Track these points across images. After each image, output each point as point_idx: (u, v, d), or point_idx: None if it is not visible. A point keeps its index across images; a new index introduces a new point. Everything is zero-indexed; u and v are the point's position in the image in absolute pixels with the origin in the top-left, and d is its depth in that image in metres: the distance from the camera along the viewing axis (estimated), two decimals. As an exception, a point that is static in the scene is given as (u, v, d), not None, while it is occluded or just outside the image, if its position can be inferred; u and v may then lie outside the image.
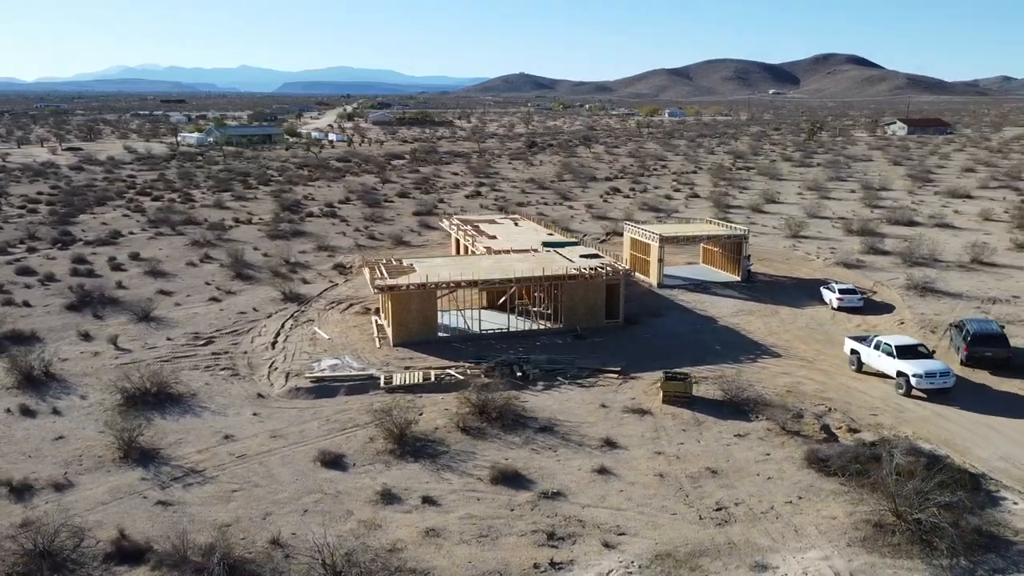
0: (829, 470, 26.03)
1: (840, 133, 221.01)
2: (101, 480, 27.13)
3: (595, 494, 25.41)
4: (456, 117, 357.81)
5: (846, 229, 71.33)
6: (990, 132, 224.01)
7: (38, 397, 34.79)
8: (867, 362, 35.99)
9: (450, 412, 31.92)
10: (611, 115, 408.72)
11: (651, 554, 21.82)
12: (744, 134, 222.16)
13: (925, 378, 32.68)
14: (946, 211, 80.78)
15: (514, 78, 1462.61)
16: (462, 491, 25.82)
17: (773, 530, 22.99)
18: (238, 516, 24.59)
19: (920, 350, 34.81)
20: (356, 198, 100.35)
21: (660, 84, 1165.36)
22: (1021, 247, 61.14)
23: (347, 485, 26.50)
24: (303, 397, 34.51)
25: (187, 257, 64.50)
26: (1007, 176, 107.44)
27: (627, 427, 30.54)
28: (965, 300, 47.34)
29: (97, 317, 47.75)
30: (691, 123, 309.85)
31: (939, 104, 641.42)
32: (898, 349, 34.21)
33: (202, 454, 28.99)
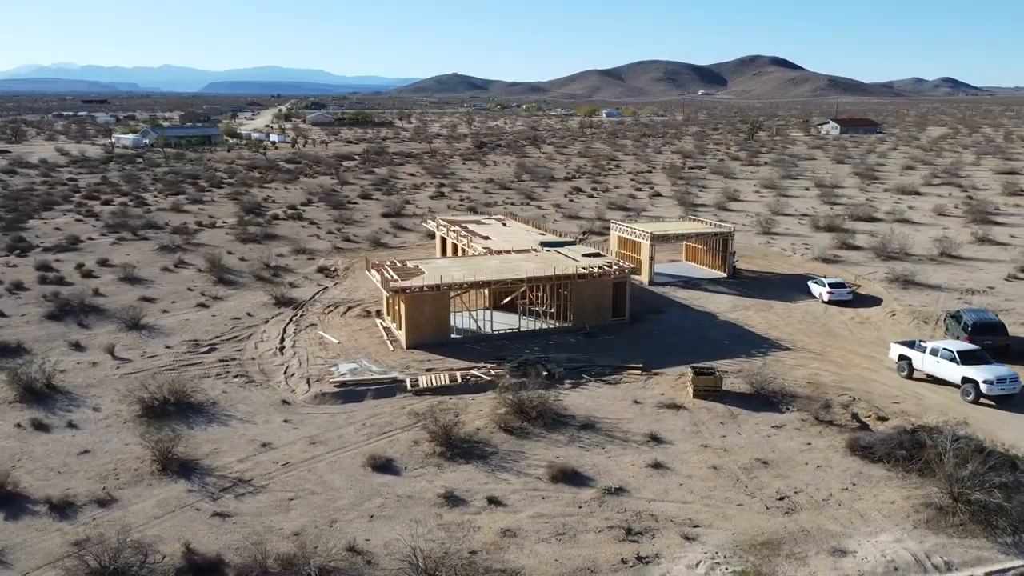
0: (874, 457, 27.04)
1: (777, 133, 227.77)
2: (145, 494, 26.20)
3: (656, 488, 25.81)
4: (397, 118, 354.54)
5: (813, 226, 73.76)
6: (916, 131, 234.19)
7: (46, 411, 33.32)
8: (922, 368, 34.82)
9: (486, 413, 31.88)
10: (549, 115, 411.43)
11: (732, 544, 22.34)
12: (685, 134, 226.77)
13: (996, 384, 31.86)
14: (900, 207, 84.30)
15: (447, 78, 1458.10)
16: (524, 490, 25.88)
17: (839, 516, 23.79)
18: (303, 525, 24.10)
19: (981, 355, 33.72)
20: (318, 200, 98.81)
21: (593, 85, 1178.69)
22: (982, 241, 64.31)
23: (405, 489, 26.24)
24: (330, 402, 33.94)
25: (159, 262, 62.47)
26: (946, 174, 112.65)
27: (666, 422, 31.07)
28: (945, 292, 49.63)
29: (82, 326, 45.93)
30: (630, 123, 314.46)
31: (859, 104, 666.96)
32: (961, 355, 33.31)
33: (244, 463, 28.26)
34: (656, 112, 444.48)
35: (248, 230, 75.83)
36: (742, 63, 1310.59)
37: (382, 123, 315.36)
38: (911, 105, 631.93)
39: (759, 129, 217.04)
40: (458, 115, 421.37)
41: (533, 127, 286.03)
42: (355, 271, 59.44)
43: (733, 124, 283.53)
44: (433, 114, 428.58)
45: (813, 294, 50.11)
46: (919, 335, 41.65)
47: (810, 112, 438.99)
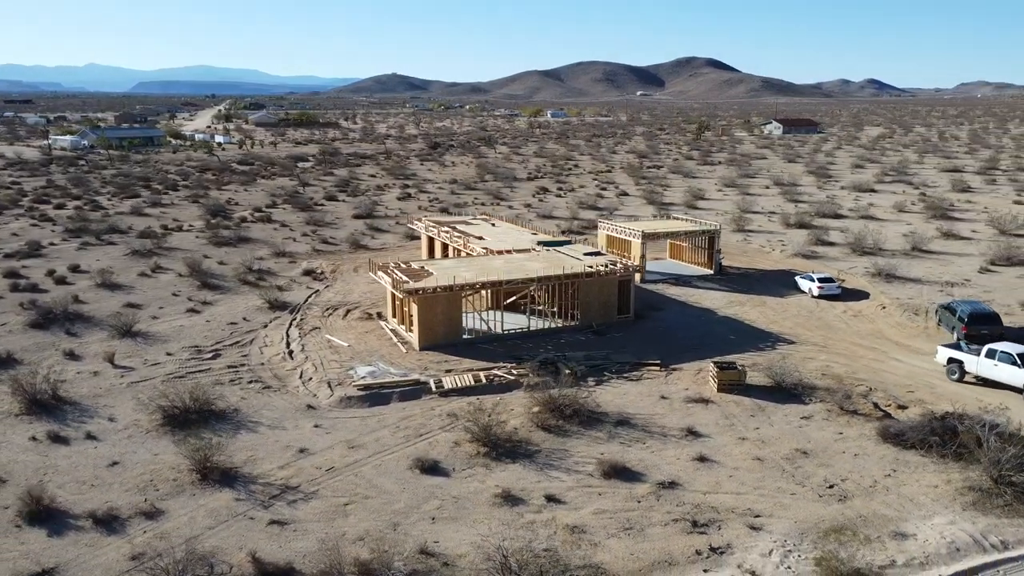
0: (906, 443, 28.09)
1: (723, 132, 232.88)
2: (191, 504, 25.52)
3: (708, 481, 26.33)
4: (342, 118, 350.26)
5: (784, 223, 75.84)
6: (854, 131, 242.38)
7: (59, 422, 32.09)
8: (976, 372, 34.26)
9: (520, 412, 31.97)
10: (494, 116, 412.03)
11: (797, 532, 22.97)
12: (634, 134, 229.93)
13: None
14: (861, 204, 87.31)
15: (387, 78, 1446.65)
16: (579, 488, 26.09)
17: (890, 502, 24.68)
18: (365, 529, 23.83)
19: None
20: (282, 202, 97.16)
21: (533, 85, 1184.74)
22: (946, 235, 67.08)
23: (459, 490, 26.17)
24: (356, 406, 33.55)
25: (134, 268, 60.59)
26: (895, 172, 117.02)
27: (697, 416, 31.67)
28: (926, 284, 51.69)
29: (71, 334, 44.32)
30: (577, 124, 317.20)
31: (792, 105, 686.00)
32: (1021, 357, 32.84)
33: (286, 470, 27.75)
34: (599, 112, 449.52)
35: (219, 233, 74.08)
36: (678, 64, 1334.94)
37: (327, 124, 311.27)
38: (841, 105, 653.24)
39: (706, 129, 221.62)
40: (402, 115, 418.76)
41: (482, 127, 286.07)
42: (343, 273, 58.73)
43: (677, 124, 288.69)
44: (377, 115, 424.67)
45: (802, 289, 51.57)
46: (913, 328, 43.39)
47: (749, 112, 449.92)
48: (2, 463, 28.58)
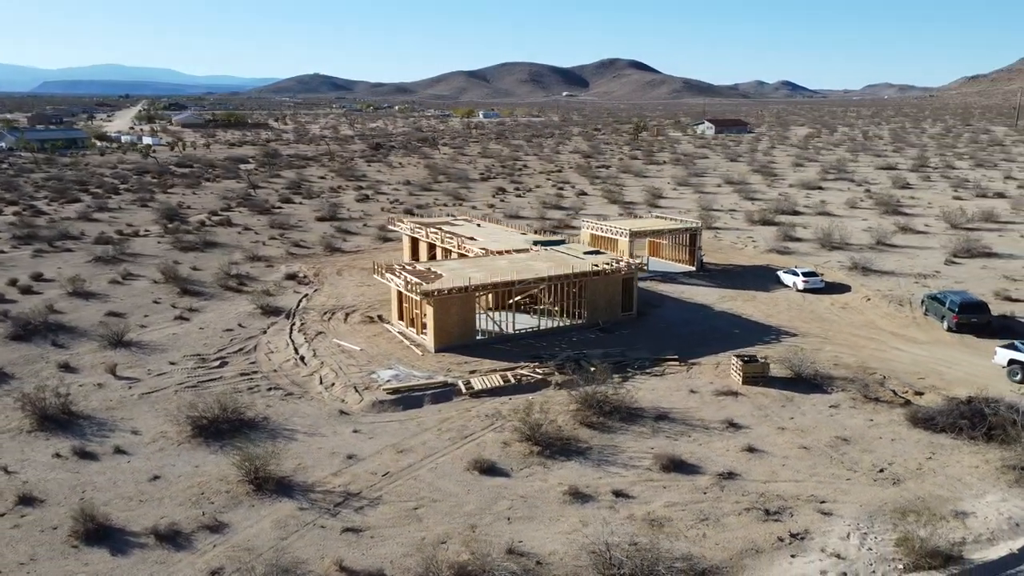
0: (937, 427, 29.55)
1: (659, 133, 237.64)
2: (253, 516, 24.83)
3: (764, 471, 27.12)
4: (273, 119, 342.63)
5: (748, 220, 78.15)
6: (782, 131, 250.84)
7: (78, 438, 30.68)
8: None
9: (558, 410, 32.17)
10: (426, 116, 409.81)
11: (866, 515, 23.93)
12: (571, 134, 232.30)
13: None
14: (813, 201, 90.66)
15: (309, 79, 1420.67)
16: (642, 482, 26.51)
17: (940, 483, 25.96)
18: (445, 532, 23.67)
19: None
20: (236, 205, 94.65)
21: (459, 86, 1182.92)
22: (904, 230, 70.34)
23: (525, 489, 26.24)
24: (390, 410, 33.16)
25: (103, 275, 58.08)
26: (835, 170, 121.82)
27: (731, 408, 32.52)
28: (901, 277, 54.21)
29: (58, 346, 42.34)
30: (511, 124, 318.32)
31: (714, 105, 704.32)
32: None
33: (340, 477, 27.27)
34: (530, 113, 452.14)
35: (182, 238, 71.70)
36: (602, 65, 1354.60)
37: (257, 125, 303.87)
38: (759, 106, 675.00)
39: (643, 130, 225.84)
40: (332, 116, 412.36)
41: (418, 128, 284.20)
42: (327, 277, 57.70)
43: (610, 125, 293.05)
44: (306, 115, 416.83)
45: (785, 283, 53.34)
46: (902, 318, 45.46)
47: (676, 113, 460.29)
48: (33, 482, 27.18)
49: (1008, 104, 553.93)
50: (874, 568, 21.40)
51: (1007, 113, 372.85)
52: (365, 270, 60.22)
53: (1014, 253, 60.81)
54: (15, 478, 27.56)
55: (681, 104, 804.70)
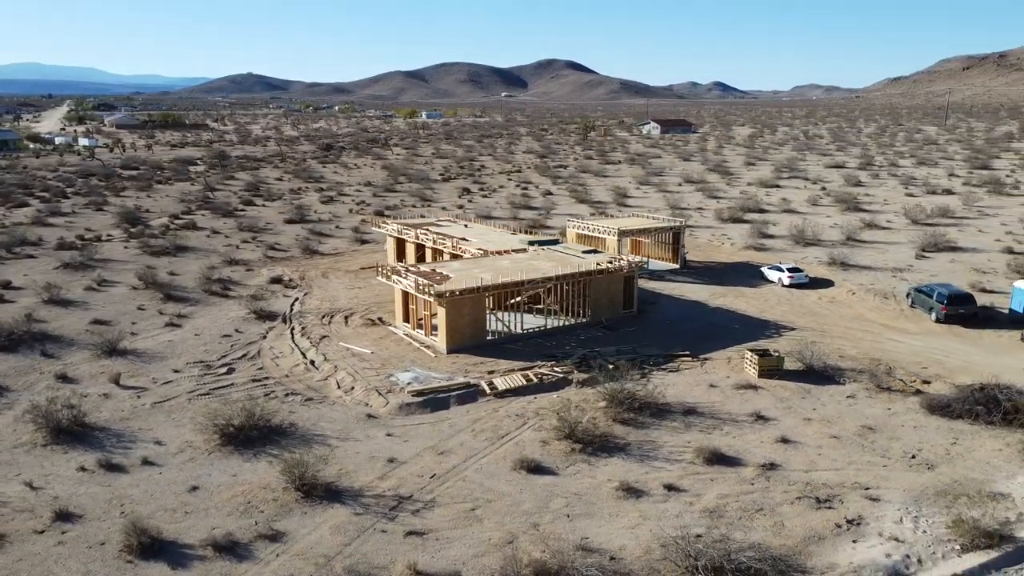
0: (953, 414, 30.87)
1: (606, 133, 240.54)
2: (309, 523, 24.43)
3: (803, 460, 27.91)
4: (213, 120, 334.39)
5: (718, 217, 79.88)
6: (724, 131, 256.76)
7: (99, 450, 29.64)
8: None
9: (587, 408, 32.44)
10: (369, 117, 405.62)
11: (912, 500, 24.89)
12: (520, 134, 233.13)
13: None
14: (775, 199, 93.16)
15: (242, 78, 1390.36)
16: (689, 475, 26.99)
17: (971, 466, 27.16)
18: (509, 531, 23.69)
19: None
20: (197, 208, 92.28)
21: (398, 86, 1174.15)
22: (869, 226, 72.92)
23: (576, 486, 26.44)
24: (417, 412, 32.95)
25: (76, 281, 56.01)
26: (787, 168, 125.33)
27: (755, 401, 33.33)
28: (878, 271, 56.24)
29: (48, 356, 40.76)
30: (456, 124, 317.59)
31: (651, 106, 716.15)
32: None
33: (387, 480, 27.01)
34: (473, 113, 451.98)
35: (150, 243, 69.64)
36: (540, 66, 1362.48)
37: (196, 126, 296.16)
38: (696, 106, 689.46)
39: (592, 129, 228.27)
40: (272, 116, 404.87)
41: (363, 129, 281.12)
42: (313, 280, 56.80)
43: (556, 125, 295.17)
44: (243, 116, 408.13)
45: (770, 279, 54.77)
46: (890, 310, 47.19)
47: (617, 113, 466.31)
48: (64, 497, 26.16)
49: (930, 104, 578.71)
50: (933, 549, 22.31)
51: (933, 113, 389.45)
52: (350, 272, 59.56)
53: (976, 247, 63.72)
54: (43, 493, 26.49)
55: (619, 104, 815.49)
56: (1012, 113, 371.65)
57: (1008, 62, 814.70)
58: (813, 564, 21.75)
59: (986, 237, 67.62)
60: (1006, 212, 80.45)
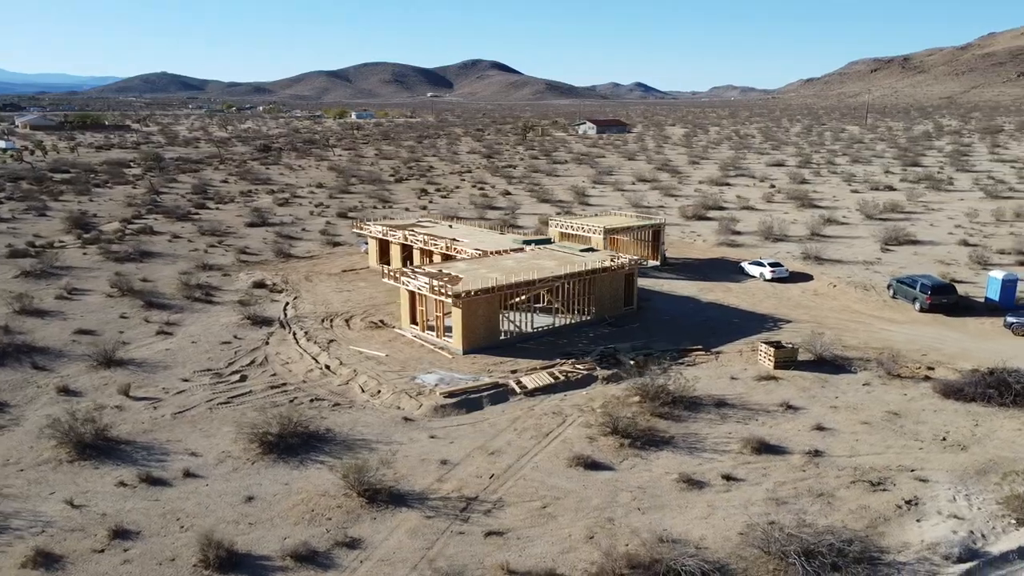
0: (967, 397, 32.61)
1: (544, 133, 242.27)
2: (382, 528, 24.12)
3: (843, 446, 29.02)
4: (135, 121, 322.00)
5: (682, 216, 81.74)
6: (657, 131, 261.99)
7: (131, 465, 28.53)
8: None
9: (619, 403, 32.90)
10: (296, 117, 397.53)
11: (957, 479, 26.21)
12: (457, 135, 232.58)
13: None
14: (731, 196, 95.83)
15: (156, 77, 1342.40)
16: (741, 465, 27.73)
17: (1000, 444, 28.76)
18: (587, 527, 23.90)
19: None
20: (147, 212, 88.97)
21: (321, 86, 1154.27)
22: (828, 222, 75.81)
23: (637, 480, 26.85)
24: (453, 413, 32.81)
25: (41, 291, 53.31)
26: (732, 168, 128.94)
27: (779, 392, 34.42)
28: (851, 265, 58.67)
29: (40, 368, 38.94)
30: (389, 125, 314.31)
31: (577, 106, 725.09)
32: None
33: (447, 483, 26.86)
34: (404, 114, 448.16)
35: (111, 248, 66.88)
36: (465, 66, 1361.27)
37: (118, 127, 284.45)
38: (620, 107, 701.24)
39: (530, 129, 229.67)
40: (196, 117, 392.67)
41: (295, 129, 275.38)
42: (297, 283, 55.65)
43: (491, 125, 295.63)
44: (165, 116, 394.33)
45: (751, 274, 56.48)
46: (873, 301, 49.32)
47: (546, 113, 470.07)
48: (112, 514, 25.09)
49: (843, 104, 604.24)
50: (992, 524, 23.61)
51: (849, 113, 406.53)
52: (333, 276, 58.60)
53: (934, 239, 67.14)
54: (88, 511, 25.34)
55: (546, 105, 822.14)
56: (922, 113, 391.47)
57: (912, 64, 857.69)
58: (887, 543, 22.73)
59: (938, 231, 71.30)
60: (948, 207, 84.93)
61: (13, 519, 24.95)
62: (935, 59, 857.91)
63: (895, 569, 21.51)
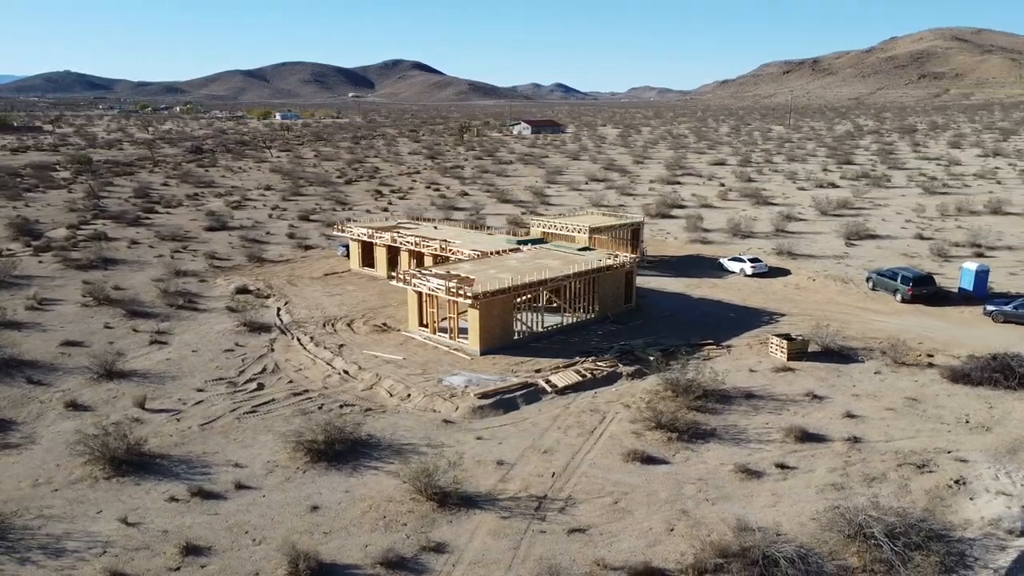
0: (974, 382, 34.55)
1: (479, 133, 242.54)
2: (460, 531, 24.01)
3: (878, 432, 30.34)
4: (49, 122, 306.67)
5: (646, 214, 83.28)
6: (589, 131, 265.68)
7: (174, 479, 27.54)
8: None
9: (655, 398, 33.51)
10: (217, 118, 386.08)
11: (993, 458, 27.79)
12: (391, 136, 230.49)
13: None
14: (683, 195, 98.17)
15: (59, 76, 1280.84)
16: (789, 453, 28.68)
17: (1019, 424, 30.57)
18: (664, 520, 24.35)
19: None
20: (92, 217, 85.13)
21: (237, 86, 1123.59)
22: (788, 218, 78.56)
23: (695, 472, 27.45)
24: (491, 414, 32.78)
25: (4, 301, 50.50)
26: (678, 167, 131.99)
27: (800, 382, 35.65)
28: (823, 259, 61.05)
29: (36, 383, 37.09)
30: (317, 126, 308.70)
31: (501, 107, 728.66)
32: None
33: (511, 483, 26.88)
34: (331, 114, 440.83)
35: (70, 256, 63.87)
36: (386, 67, 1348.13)
37: (28, 128, 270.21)
38: (544, 107, 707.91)
39: (467, 130, 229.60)
40: (110, 118, 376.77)
41: (221, 131, 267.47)
42: (282, 288, 54.37)
43: (423, 125, 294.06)
44: (79, 117, 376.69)
45: (731, 270, 58.14)
46: (855, 293, 51.48)
47: (475, 114, 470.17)
48: (173, 530, 24.17)
49: (760, 105, 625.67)
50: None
51: (769, 114, 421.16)
52: (315, 279, 57.48)
53: (891, 234, 70.53)
54: (146, 528, 24.33)
55: (470, 105, 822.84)
56: (837, 113, 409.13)
57: (821, 67, 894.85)
58: (951, 521, 23.98)
59: (892, 225, 74.89)
60: (893, 203, 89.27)
61: (66, 541, 23.75)
62: (842, 62, 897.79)
63: (967, 545, 22.73)
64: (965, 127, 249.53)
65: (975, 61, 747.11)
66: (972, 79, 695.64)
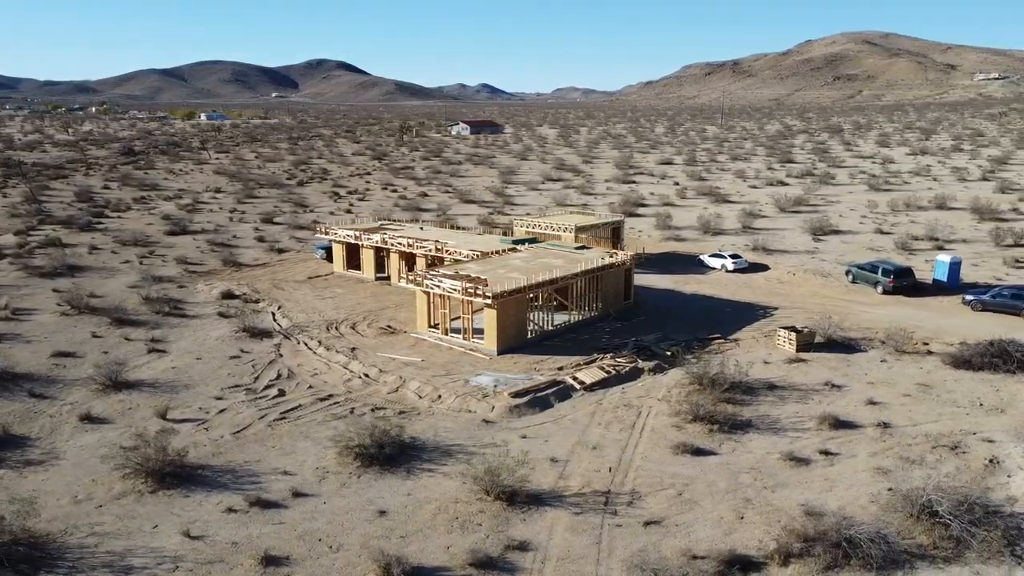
0: (975, 367, 36.53)
1: (418, 134, 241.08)
2: (537, 528, 24.15)
3: (904, 417, 31.77)
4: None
5: (612, 212, 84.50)
6: (527, 132, 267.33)
7: (223, 490, 26.82)
8: None
9: (690, 391, 34.24)
10: (140, 119, 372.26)
11: (1014, 437, 29.47)
12: (328, 137, 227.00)
13: None
14: (643, 194, 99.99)
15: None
16: (829, 440, 29.76)
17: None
18: (731, 508, 24.99)
19: None
20: (39, 222, 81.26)
21: (154, 85, 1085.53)
22: (751, 215, 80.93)
23: (745, 461, 28.23)
24: (528, 413, 32.92)
25: (-22, 312, 48.00)
26: (628, 167, 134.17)
27: (815, 372, 36.96)
28: (796, 254, 63.23)
29: (39, 396, 35.52)
30: (246, 127, 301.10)
31: (429, 107, 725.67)
32: None
33: (571, 480, 27.14)
34: (258, 115, 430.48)
35: (31, 263, 60.92)
36: (310, 66, 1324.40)
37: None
38: (470, 108, 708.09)
39: (407, 131, 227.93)
40: (21, 118, 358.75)
41: (148, 131, 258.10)
42: (269, 292, 53.19)
43: (360, 125, 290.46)
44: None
45: (712, 266, 59.68)
46: (837, 287, 53.51)
47: (405, 115, 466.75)
48: (242, 541, 23.57)
49: (684, 107, 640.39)
50: (1068, 475, 26.89)
51: (698, 114, 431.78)
52: (300, 282, 56.40)
53: (852, 229, 73.54)
54: (213, 541, 23.62)
55: (398, 106, 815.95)
56: (762, 114, 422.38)
57: (741, 69, 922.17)
58: (997, 496, 25.39)
59: (850, 221, 78.07)
60: (843, 199, 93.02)
61: (131, 558, 22.86)
62: (761, 64, 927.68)
63: (1020, 519, 24.12)
64: (887, 127, 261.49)
65: (884, 64, 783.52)
66: (883, 81, 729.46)
